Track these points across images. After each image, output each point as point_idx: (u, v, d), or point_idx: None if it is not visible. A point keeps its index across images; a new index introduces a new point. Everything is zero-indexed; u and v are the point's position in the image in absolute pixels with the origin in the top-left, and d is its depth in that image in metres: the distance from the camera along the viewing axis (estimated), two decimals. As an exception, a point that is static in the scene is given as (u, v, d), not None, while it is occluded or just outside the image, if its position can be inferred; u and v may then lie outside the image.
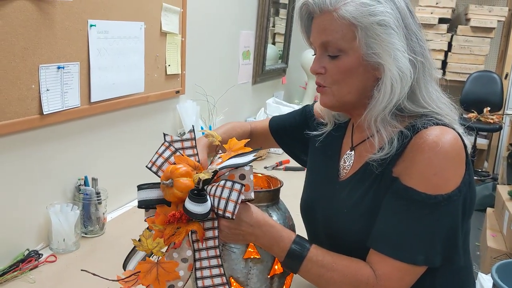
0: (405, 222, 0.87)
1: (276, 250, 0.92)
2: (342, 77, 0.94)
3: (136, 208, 1.71)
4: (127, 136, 1.74)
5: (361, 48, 0.90)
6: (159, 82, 1.85)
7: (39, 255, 1.32)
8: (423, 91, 0.92)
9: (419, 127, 0.89)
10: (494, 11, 4.75)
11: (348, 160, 1.04)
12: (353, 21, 0.89)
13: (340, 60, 0.93)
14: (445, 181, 0.85)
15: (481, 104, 4.69)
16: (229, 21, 2.43)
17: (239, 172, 0.88)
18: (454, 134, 0.88)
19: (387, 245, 0.87)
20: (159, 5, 1.76)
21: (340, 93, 0.96)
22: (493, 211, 3.35)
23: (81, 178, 1.50)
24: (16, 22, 1.18)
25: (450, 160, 0.85)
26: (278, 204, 1.07)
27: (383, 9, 0.88)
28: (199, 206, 0.83)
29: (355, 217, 0.96)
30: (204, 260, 0.88)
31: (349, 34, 0.90)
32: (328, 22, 0.92)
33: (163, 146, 0.95)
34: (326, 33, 0.92)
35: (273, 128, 1.28)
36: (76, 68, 1.39)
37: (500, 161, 4.74)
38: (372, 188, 0.94)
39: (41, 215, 1.39)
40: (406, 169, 0.88)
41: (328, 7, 0.91)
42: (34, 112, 1.28)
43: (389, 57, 0.88)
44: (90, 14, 1.42)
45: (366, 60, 0.91)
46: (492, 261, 2.80)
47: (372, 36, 0.89)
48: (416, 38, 0.92)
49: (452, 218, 0.87)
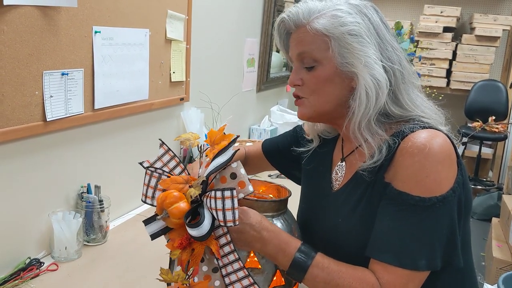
0: (402, 227, 0.87)
1: (281, 256, 0.91)
2: (319, 87, 0.97)
3: (139, 216, 1.70)
4: (131, 143, 1.73)
5: (335, 58, 0.93)
6: (164, 89, 1.84)
7: (41, 263, 1.31)
8: (405, 97, 0.95)
9: (407, 132, 0.90)
10: (499, 20, 4.73)
11: (340, 171, 1.05)
12: (325, 32, 0.93)
13: (316, 71, 0.96)
14: (438, 183, 0.86)
15: (486, 113, 4.67)
16: (234, 28, 2.42)
17: (228, 171, 0.89)
18: (442, 136, 0.89)
19: (387, 253, 0.87)
20: (164, 12, 1.75)
21: (318, 104, 0.98)
22: (499, 221, 3.32)
23: (84, 185, 1.49)
24: (21, 28, 1.18)
25: (441, 161, 0.86)
26: (284, 215, 1.05)
27: (353, 20, 0.92)
28: (194, 230, 0.85)
29: (350, 226, 0.97)
30: (228, 266, 0.90)
31: (323, 45, 0.94)
32: (303, 34, 0.96)
33: (147, 175, 0.96)
34: (301, 44, 0.97)
35: (266, 150, 1.30)
36: (80, 75, 1.39)
37: (505, 171, 4.70)
38: (365, 195, 0.95)
39: (43, 222, 1.37)
40: (397, 174, 0.89)
41: (302, 21, 0.96)
42: (38, 118, 1.27)
43: (362, 65, 0.91)
44: (95, 21, 1.41)
45: (341, 69, 0.94)
46: (498, 271, 2.77)
47: (345, 46, 0.92)
48: (391, 48, 0.95)
49: (448, 219, 0.87)
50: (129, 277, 1.30)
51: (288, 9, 1.00)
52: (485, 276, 3.05)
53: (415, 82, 0.98)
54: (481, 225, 3.85)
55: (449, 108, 1.06)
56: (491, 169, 5.13)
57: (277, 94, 3.28)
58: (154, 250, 1.45)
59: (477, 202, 4.16)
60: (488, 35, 4.72)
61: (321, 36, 0.93)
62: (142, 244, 1.50)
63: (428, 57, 4.85)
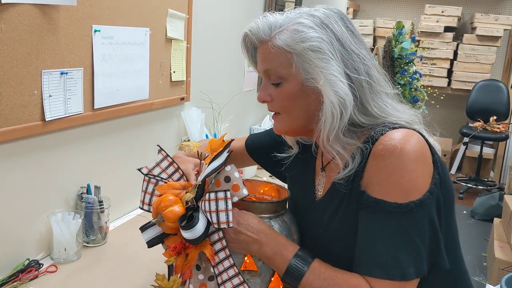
0: (384, 237, 0.86)
1: (278, 260, 0.91)
2: (287, 103, 0.96)
3: (139, 217, 1.69)
4: (131, 144, 1.72)
5: (299, 74, 0.92)
6: (164, 89, 1.82)
7: (40, 265, 1.29)
8: (374, 107, 0.92)
9: (376, 136, 0.89)
10: (500, 20, 4.73)
11: (321, 181, 1.05)
12: (286, 48, 0.91)
13: (282, 87, 0.95)
14: (413, 183, 0.84)
15: (487, 113, 4.66)
16: (234, 27, 2.41)
17: (222, 175, 0.90)
18: (413, 134, 0.88)
19: (374, 267, 0.85)
20: (165, 11, 1.74)
21: (289, 120, 0.98)
22: (501, 222, 3.31)
23: (84, 186, 1.48)
24: (19, 27, 1.16)
25: (414, 160, 0.84)
26: (283, 216, 1.03)
27: (315, 35, 0.89)
28: (188, 232, 0.85)
29: (330, 236, 0.96)
30: (223, 273, 0.90)
31: (286, 62, 0.92)
32: (267, 51, 0.94)
33: (145, 181, 0.97)
34: (265, 62, 0.96)
35: (249, 146, 1.29)
36: (79, 74, 1.37)
37: (506, 171, 4.68)
38: (341, 205, 0.94)
39: (42, 223, 1.36)
40: (372, 179, 0.88)
41: (263, 37, 0.94)
42: (36, 118, 1.25)
43: (325, 82, 0.89)
44: (94, 19, 1.40)
45: (306, 85, 0.92)
46: (500, 272, 2.75)
47: (307, 62, 0.90)
48: (358, 58, 0.92)
49: (428, 222, 0.86)
50: (130, 279, 1.29)
51: (250, 24, 0.97)
52: (487, 277, 3.04)
53: (386, 91, 0.96)
54: (483, 225, 3.84)
55: (450, 108, 1.03)
56: (492, 169, 5.12)
57: (278, 94, 3.27)
58: (155, 252, 1.44)
59: (478, 202, 4.15)
60: (489, 34, 4.72)
61: (284, 53, 0.92)
62: (143, 245, 1.47)
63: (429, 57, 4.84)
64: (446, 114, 5.04)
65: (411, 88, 3.08)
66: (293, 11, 0.95)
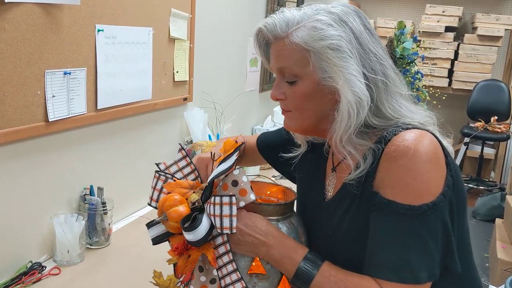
0: (397, 240, 0.84)
1: (287, 263, 0.89)
2: (301, 102, 0.93)
3: (142, 219, 1.67)
4: (134, 144, 1.70)
5: (316, 73, 0.89)
6: (167, 89, 1.81)
7: (43, 267, 1.28)
8: (388, 108, 0.91)
9: (389, 136, 0.87)
10: (501, 20, 4.72)
11: (331, 181, 1.03)
12: (304, 46, 0.88)
13: (297, 86, 0.92)
14: (427, 185, 0.82)
15: (488, 113, 4.65)
16: (237, 27, 2.40)
17: (230, 178, 0.88)
18: (427, 135, 0.86)
19: (385, 269, 0.84)
20: (168, 10, 1.73)
21: (301, 118, 0.95)
22: (503, 222, 3.30)
23: (87, 187, 1.46)
24: (23, 26, 1.15)
25: (427, 161, 0.83)
26: (290, 218, 1.02)
27: (334, 33, 0.87)
28: (189, 234, 0.84)
29: (340, 237, 0.95)
30: (226, 277, 0.88)
31: (303, 60, 0.89)
32: (282, 48, 0.91)
33: (155, 178, 0.96)
34: (280, 59, 0.92)
35: (261, 144, 1.27)
36: (83, 74, 1.36)
37: (507, 171, 4.68)
38: (352, 206, 0.92)
39: (45, 225, 1.34)
40: (384, 180, 0.86)
41: (279, 33, 0.91)
42: (40, 119, 1.24)
43: (343, 81, 0.86)
44: (98, 19, 1.39)
45: (323, 84, 0.90)
46: (503, 273, 2.74)
47: (325, 60, 0.88)
48: (375, 57, 0.90)
49: (442, 225, 0.84)
50: (133, 281, 1.28)
51: (265, 19, 0.95)
52: (490, 277, 3.03)
53: (401, 92, 0.94)
54: (485, 226, 3.83)
55: (451, 108, 1.01)
56: (493, 169, 5.11)
57: (279, 94, 3.26)
58: (159, 253, 1.42)
59: (480, 202, 4.14)
60: (490, 34, 4.71)
61: (301, 51, 0.89)
62: (146, 247, 1.47)
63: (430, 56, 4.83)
64: (447, 114, 5.04)
65: (412, 88, 3.07)
66: (310, 7, 0.92)
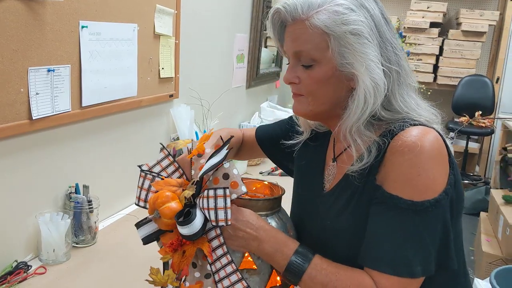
0: (395, 233, 0.84)
1: (279, 258, 0.89)
2: (316, 87, 0.92)
3: (128, 216, 1.66)
4: (120, 142, 1.69)
5: (334, 58, 0.88)
6: (152, 86, 1.80)
7: (28, 266, 1.27)
8: (399, 100, 0.90)
9: (396, 131, 0.87)
10: (485, 15, 4.76)
11: (331, 172, 1.02)
12: (325, 30, 0.86)
13: (313, 70, 0.90)
14: (431, 182, 0.83)
15: (472, 108, 4.70)
16: (223, 23, 2.39)
17: (221, 172, 0.88)
18: (433, 133, 0.86)
19: (381, 261, 0.84)
20: (153, 6, 1.71)
21: (315, 103, 0.94)
22: (487, 216, 3.34)
23: (72, 185, 1.45)
24: (5, 23, 1.13)
25: (432, 159, 0.83)
26: (279, 213, 1.03)
27: (356, 18, 0.86)
28: (185, 228, 0.83)
29: (338, 229, 0.94)
30: (220, 271, 0.88)
31: (322, 44, 0.88)
32: (301, 31, 0.89)
33: (141, 178, 0.95)
34: (298, 42, 0.90)
35: (259, 137, 1.26)
36: (67, 71, 1.34)
37: (492, 165, 4.74)
38: (354, 198, 0.92)
39: (30, 224, 1.33)
40: (388, 174, 0.86)
41: (300, 15, 0.89)
42: (23, 117, 1.22)
43: (362, 68, 0.86)
44: (81, 15, 1.37)
45: (340, 70, 0.89)
46: (488, 266, 2.78)
47: (345, 46, 0.86)
48: (391, 46, 0.90)
49: (442, 222, 0.85)
50: (120, 279, 1.27)
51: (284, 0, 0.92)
52: (475, 270, 3.07)
53: (411, 84, 0.93)
54: (469, 219, 3.88)
55: (436, 104, 1.02)
56: (478, 163, 5.17)
57: (267, 90, 3.26)
58: (146, 251, 1.42)
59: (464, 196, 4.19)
60: (474, 30, 4.75)
61: (321, 34, 0.87)
62: (133, 245, 1.46)
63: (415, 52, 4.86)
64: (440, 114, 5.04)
65: (398, 83, 3.10)
66: None
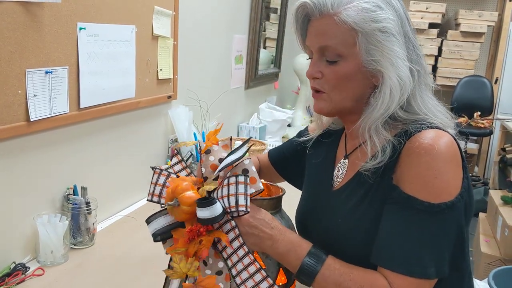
0: (410, 233, 0.85)
1: (291, 258, 0.88)
2: (339, 82, 0.92)
3: (127, 218, 1.66)
4: (118, 143, 1.69)
5: (360, 55, 0.89)
6: (151, 87, 1.80)
7: (26, 268, 1.27)
8: (418, 100, 0.91)
9: (412, 132, 0.87)
10: (484, 16, 4.77)
11: (342, 169, 1.02)
12: (354, 26, 0.87)
13: (338, 66, 0.91)
14: (446, 185, 0.83)
15: (471, 108, 4.71)
16: (221, 25, 2.39)
17: (240, 168, 0.88)
18: (448, 137, 0.87)
19: (395, 260, 0.84)
20: (151, 8, 1.71)
21: (337, 99, 0.94)
22: (486, 216, 3.34)
23: (70, 187, 1.45)
24: (2, 24, 1.13)
25: (448, 162, 0.84)
26: (280, 212, 1.04)
27: (385, 16, 0.87)
28: (206, 210, 0.82)
29: (350, 226, 0.94)
30: (238, 264, 0.85)
31: (349, 40, 0.88)
32: (328, 26, 0.89)
33: (155, 174, 0.93)
34: (325, 37, 0.90)
35: (273, 158, 1.27)
36: (64, 73, 1.34)
37: (491, 166, 4.75)
38: (368, 196, 0.92)
39: (28, 226, 1.33)
40: (404, 175, 0.86)
41: (329, 10, 0.89)
42: (21, 118, 1.22)
43: (390, 65, 0.87)
44: (79, 17, 1.37)
45: (365, 66, 0.89)
46: (486, 266, 2.78)
47: (373, 43, 0.87)
48: (412, 46, 0.91)
49: (456, 225, 0.86)
50: (118, 281, 1.27)
51: None
52: (473, 271, 3.08)
53: (429, 84, 0.94)
54: (468, 220, 3.88)
55: None
56: (477, 164, 5.18)
57: (265, 91, 3.26)
58: (143, 253, 1.42)
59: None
60: (473, 31, 4.76)
61: (349, 30, 0.87)
62: (131, 246, 1.46)
63: (414, 53, 4.87)
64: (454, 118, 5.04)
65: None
66: None
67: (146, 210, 1.72)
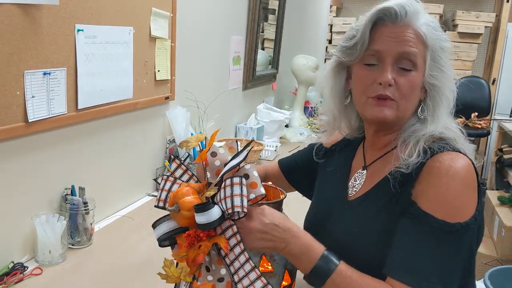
0: (424, 249, 0.87)
1: (304, 260, 0.89)
2: (409, 92, 0.96)
3: (125, 218, 1.67)
4: (115, 144, 1.70)
5: (425, 68, 0.95)
6: (148, 88, 1.81)
7: (25, 267, 1.28)
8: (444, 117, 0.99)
9: (435, 150, 0.91)
10: (481, 17, 4.79)
11: (359, 179, 1.04)
12: (426, 41, 0.95)
13: (410, 75, 0.95)
14: (463, 207, 0.86)
15: (468, 109, 4.71)
16: (219, 26, 2.40)
17: (242, 172, 0.88)
18: (467, 161, 0.90)
19: (406, 273, 0.86)
20: (149, 9, 1.73)
21: (403, 108, 0.97)
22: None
23: (68, 187, 1.46)
24: (1, 26, 1.14)
25: (466, 185, 0.87)
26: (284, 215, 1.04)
27: (446, 36, 0.97)
28: (202, 215, 0.82)
29: (366, 237, 0.96)
30: (239, 270, 0.86)
31: (422, 52, 0.95)
32: (411, 35, 0.94)
33: (163, 180, 0.95)
34: (409, 44, 0.94)
35: (284, 167, 1.28)
36: (63, 74, 1.35)
37: (488, 166, 4.76)
38: (386, 208, 0.94)
39: (26, 226, 1.34)
40: (423, 192, 0.89)
41: (414, 20, 0.95)
42: (19, 120, 1.24)
43: (447, 81, 0.95)
44: (77, 19, 1.38)
45: (425, 79, 0.96)
46: (483, 266, 2.80)
47: (435, 59, 0.95)
48: None
49: (468, 246, 0.88)
50: (116, 280, 1.28)
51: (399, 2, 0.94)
52: (470, 271, 3.09)
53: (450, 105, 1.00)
54: (465, 220, 3.89)
55: None
56: (474, 164, 5.19)
57: (263, 92, 3.27)
58: (141, 253, 1.43)
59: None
60: (470, 32, 4.78)
61: (422, 43, 0.94)
62: (128, 246, 1.47)
63: (412, 54, 4.89)
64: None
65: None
66: None
67: (144, 211, 1.74)
